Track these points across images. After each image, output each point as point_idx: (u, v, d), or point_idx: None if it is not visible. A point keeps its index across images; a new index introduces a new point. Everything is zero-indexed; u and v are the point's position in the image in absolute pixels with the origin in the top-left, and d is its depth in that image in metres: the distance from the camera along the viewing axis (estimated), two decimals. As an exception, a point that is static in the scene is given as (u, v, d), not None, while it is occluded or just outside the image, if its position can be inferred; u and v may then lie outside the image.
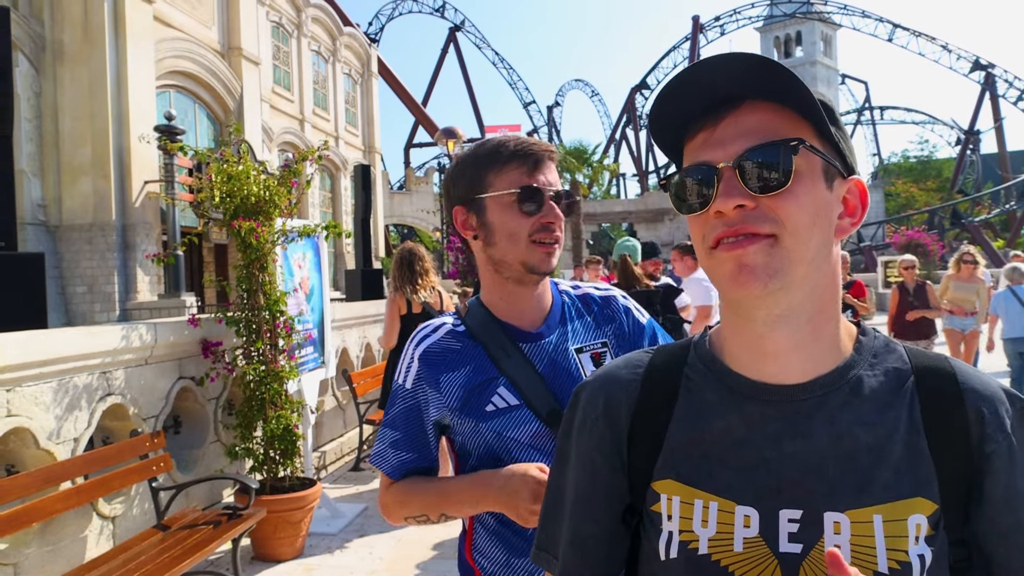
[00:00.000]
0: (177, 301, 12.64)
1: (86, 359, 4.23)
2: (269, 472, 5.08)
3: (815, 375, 0.87)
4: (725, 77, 0.83)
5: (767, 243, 0.82)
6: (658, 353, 1.01)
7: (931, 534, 0.82)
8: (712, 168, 0.84)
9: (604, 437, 0.96)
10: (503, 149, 1.52)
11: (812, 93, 0.82)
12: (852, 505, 0.82)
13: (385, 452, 1.56)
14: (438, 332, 1.57)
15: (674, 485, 0.90)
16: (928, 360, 0.90)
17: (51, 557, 3.96)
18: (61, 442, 4.04)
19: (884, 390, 0.87)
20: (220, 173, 4.97)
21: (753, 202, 0.82)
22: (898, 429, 0.85)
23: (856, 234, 41.17)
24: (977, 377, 0.88)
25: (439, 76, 56.87)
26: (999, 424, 0.84)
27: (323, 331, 6.15)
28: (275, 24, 22.23)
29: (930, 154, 61.02)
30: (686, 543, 0.88)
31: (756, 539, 0.85)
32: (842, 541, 0.82)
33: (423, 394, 1.53)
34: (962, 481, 0.83)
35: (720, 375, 0.92)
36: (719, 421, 0.90)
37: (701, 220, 0.86)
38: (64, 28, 14.07)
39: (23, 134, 13.47)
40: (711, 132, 0.86)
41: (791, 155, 0.82)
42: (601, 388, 1.00)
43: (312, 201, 23.46)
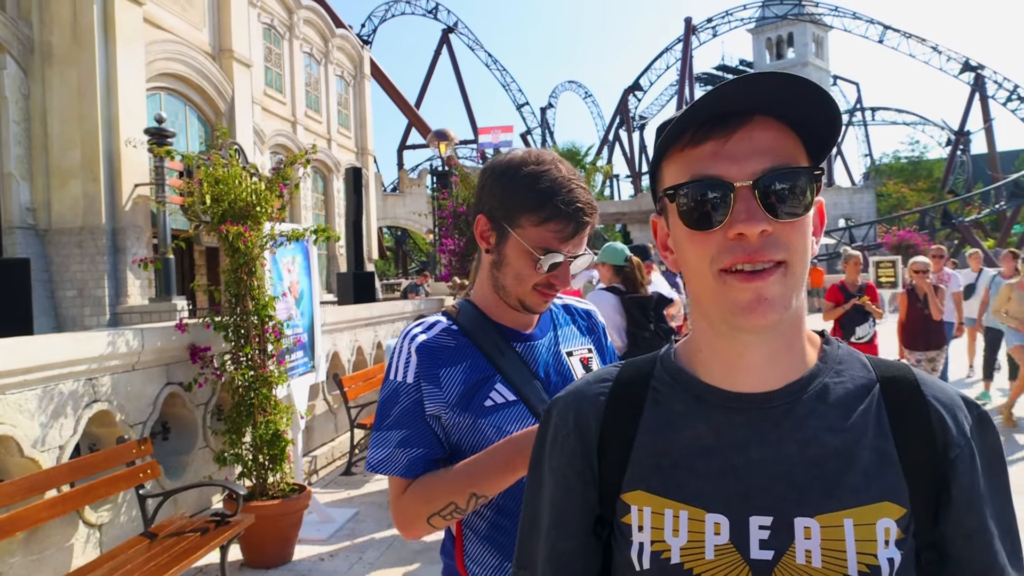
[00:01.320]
0: (168, 305, 12.57)
1: (72, 366, 4.19)
2: (258, 478, 5.04)
3: (783, 384, 0.89)
4: (747, 89, 0.82)
5: (780, 272, 0.83)
6: (626, 367, 1.01)
7: (901, 538, 0.83)
8: (728, 185, 0.83)
9: (575, 452, 0.97)
10: (552, 202, 1.47)
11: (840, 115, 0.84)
12: (822, 510, 0.83)
13: (393, 454, 1.48)
14: (433, 329, 1.56)
15: (644, 496, 0.91)
16: (892, 369, 0.92)
17: (36, 566, 3.91)
18: (46, 450, 4.00)
19: (850, 397, 0.89)
20: (208, 177, 4.93)
21: (771, 227, 0.82)
22: (866, 435, 0.86)
23: (848, 234, 41.35)
24: (938, 385, 0.91)
25: (432, 78, 56.77)
26: (960, 429, 0.87)
27: (313, 335, 6.11)
28: (267, 26, 22.16)
29: (921, 155, 61.25)
30: (658, 553, 0.88)
31: (727, 546, 0.85)
32: (812, 546, 0.83)
33: (423, 388, 1.50)
34: (930, 486, 0.85)
35: (687, 386, 0.93)
36: (687, 431, 0.90)
37: (710, 239, 0.85)
38: (53, 30, 13.98)
39: (11, 137, 13.39)
40: (721, 144, 0.84)
41: (814, 184, 0.84)
42: (571, 404, 1.00)
43: (305, 203, 23.40)
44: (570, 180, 1.51)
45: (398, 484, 1.50)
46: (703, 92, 0.82)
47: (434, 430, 1.50)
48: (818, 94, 0.81)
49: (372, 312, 9.32)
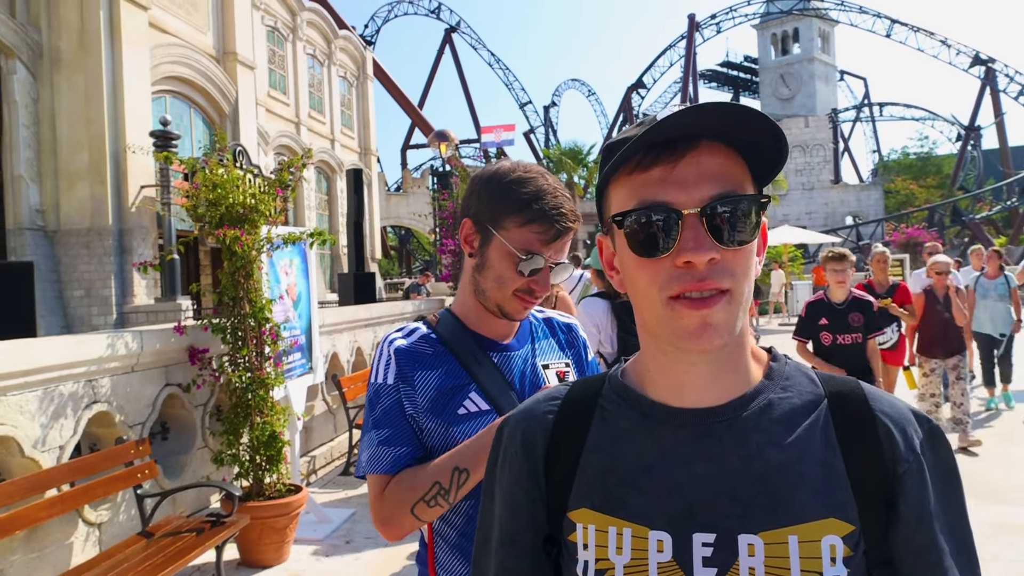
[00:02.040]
0: (173, 305, 12.68)
1: (72, 367, 4.29)
2: (255, 479, 5.14)
3: (727, 400, 0.90)
4: (695, 117, 0.82)
5: (726, 299, 0.84)
6: (575, 386, 1.03)
7: (848, 555, 0.83)
8: (676, 212, 0.83)
9: (523, 469, 0.98)
10: (536, 203, 1.53)
11: (786, 144, 0.85)
12: (766, 527, 0.83)
13: (377, 453, 1.52)
14: (412, 336, 1.61)
15: (589, 514, 0.91)
16: (839, 384, 0.93)
17: (37, 564, 4.02)
18: (46, 450, 4.10)
19: (796, 412, 0.89)
20: (206, 182, 5.03)
21: (719, 255, 0.83)
22: (811, 450, 0.86)
23: (855, 232, 41.19)
24: (887, 400, 0.91)
25: (435, 78, 56.90)
26: (909, 444, 0.87)
27: (311, 337, 6.21)
28: (270, 28, 22.27)
29: (930, 151, 60.84)
30: (602, 571, 0.88)
31: (670, 563, 0.85)
32: (756, 563, 0.83)
33: (401, 389, 1.55)
34: (878, 502, 0.85)
35: (633, 403, 0.94)
36: (632, 447, 0.91)
37: (659, 265, 0.85)
38: (61, 35, 14.11)
39: (21, 140, 13.52)
40: (669, 169, 0.85)
41: (760, 211, 0.85)
42: (520, 422, 1.01)
43: (309, 204, 23.50)
44: (556, 188, 1.57)
45: (379, 481, 1.52)
46: (707, 90, 0.85)
47: (413, 429, 1.55)
48: (762, 120, 0.82)
49: (372, 313, 9.41)
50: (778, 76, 65.46)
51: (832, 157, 50.33)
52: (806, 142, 48.79)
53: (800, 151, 48.73)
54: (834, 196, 48.95)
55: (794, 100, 64.18)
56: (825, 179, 49.02)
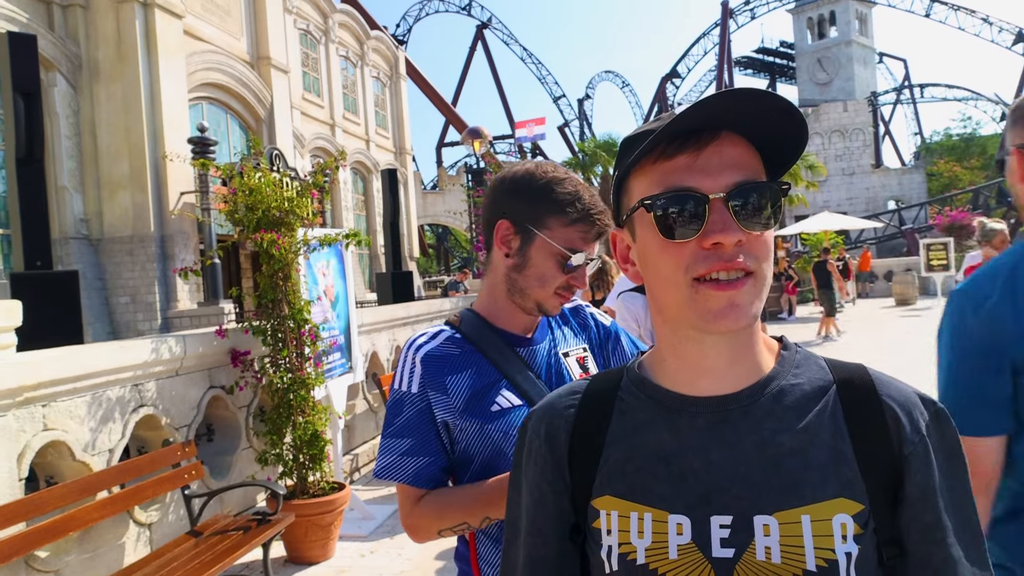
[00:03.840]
0: (216, 309, 12.92)
1: (118, 372, 4.39)
2: (299, 477, 5.21)
3: (741, 387, 0.93)
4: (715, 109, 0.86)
5: (751, 281, 0.87)
6: (595, 380, 1.06)
7: (859, 533, 0.86)
8: (702, 197, 0.87)
9: (547, 463, 1.02)
10: (579, 203, 1.58)
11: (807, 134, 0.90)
12: (780, 507, 0.87)
13: (398, 462, 1.56)
14: (437, 339, 1.62)
15: (611, 501, 0.95)
16: (847, 370, 0.95)
17: (90, 564, 4.12)
18: (96, 453, 4.21)
19: (806, 398, 0.92)
20: (242, 187, 5.12)
21: (745, 237, 0.87)
22: (820, 434, 0.90)
23: (898, 216, 40.43)
24: (894, 384, 0.94)
25: (468, 74, 57.02)
26: (915, 427, 0.90)
27: (349, 336, 6.28)
28: (303, 31, 22.51)
29: (973, 131, 59.39)
30: (625, 555, 0.92)
31: (689, 546, 0.89)
32: (772, 543, 0.86)
33: (430, 396, 1.56)
34: (887, 482, 0.88)
35: (651, 393, 0.97)
36: (650, 436, 0.95)
37: (685, 248, 0.88)
38: (99, 47, 14.43)
39: (63, 151, 13.87)
40: (694, 158, 0.88)
41: (782, 198, 0.90)
42: (543, 417, 1.05)
43: (346, 204, 23.74)
44: (588, 188, 1.63)
45: (407, 492, 1.57)
46: (743, 77, 0.87)
47: (440, 438, 1.57)
48: (783, 104, 0.86)
49: (409, 311, 9.48)
50: (815, 60, 64.40)
51: (872, 141, 49.45)
52: (845, 127, 47.98)
53: (839, 136, 47.96)
54: (875, 181, 48.10)
55: (832, 84, 63.09)
56: (865, 164, 48.18)
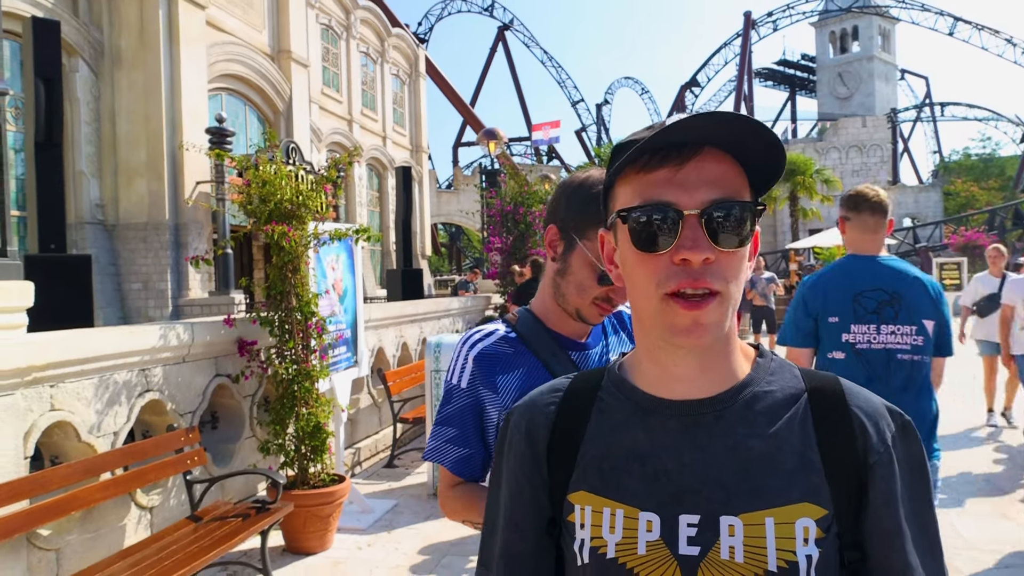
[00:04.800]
0: (227, 299, 13.01)
1: (126, 357, 4.45)
2: (300, 468, 5.26)
3: (715, 392, 0.96)
4: (701, 123, 0.88)
5: (717, 300, 0.90)
6: (577, 379, 1.10)
7: (821, 536, 0.89)
8: (678, 212, 0.89)
9: (526, 457, 1.05)
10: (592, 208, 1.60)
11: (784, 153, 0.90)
12: (745, 509, 0.90)
13: (443, 448, 1.65)
14: (491, 337, 1.67)
15: (586, 496, 0.98)
16: (819, 380, 0.99)
17: (91, 544, 4.18)
18: (102, 435, 4.26)
19: (778, 405, 0.95)
20: (255, 178, 5.17)
21: (714, 256, 0.89)
22: (790, 441, 0.93)
23: (912, 234, 40.17)
24: (863, 395, 0.98)
25: (488, 75, 57.12)
26: (881, 437, 0.93)
27: (356, 331, 6.33)
28: (324, 26, 22.63)
29: (993, 152, 59.21)
30: (596, 548, 0.96)
31: (658, 542, 0.92)
32: (736, 543, 0.90)
33: (479, 394, 1.63)
34: (851, 489, 0.92)
35: (628, 394, 1.01)
36: (626, 436, 0.98)
37: (657, 262, 0.91)
38: (121, 34, 14.56)
39: (83, 137, 14.00)
40: (675, 171, 0.90)
41: (756, 218, 0.91)
42: (524, 413, 1.09)
43: (360, 201, 23.83)
44: None
45: (447, 476, 1.66)
46: (762, 88, 0.90)
47: (482, 433, 1.64)
48: (762, 131, 0.88)
49: (418, 309, 9.52)
50: (836, 75, 64.18)
51: (890, 158, 49.18)
52: (863, 142, 47.76)
53: (857, 151, 47.74)
54: (891, 197, 46.85)
55: (852, 99, 62.86)
56: (882, 180, 47.88)
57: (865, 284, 3.10)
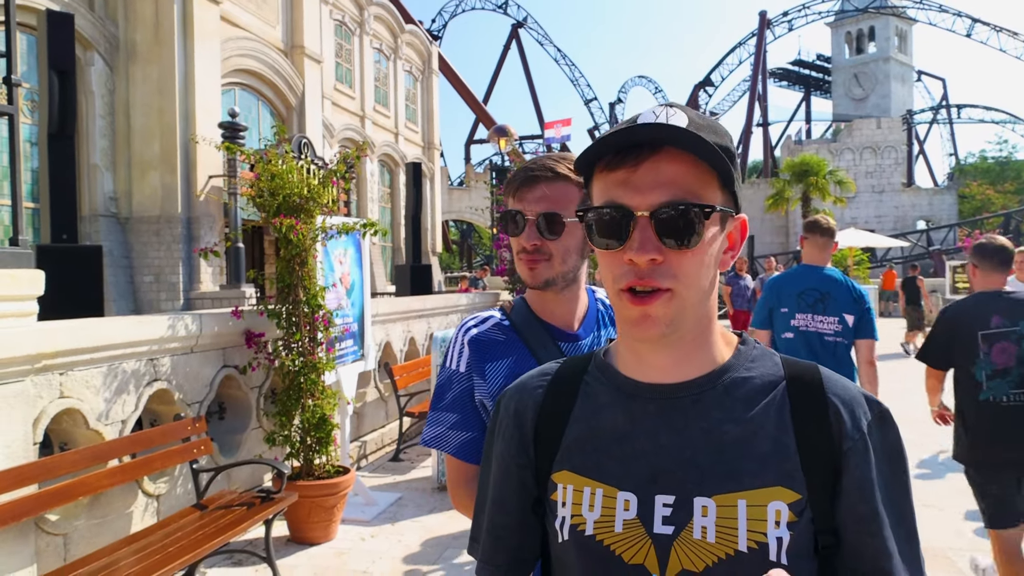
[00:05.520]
0: (237, 292, 13.10)
1: (135, 346, 4.51)
2: (305, 459, 5.31)
3: (692, 377, 1.00)
4: (660, 132, 0.91)
5: (666, 297, 0.93)
6: (565, 363, 1.15)
7: (794, 520, 0.92)
8: (630, 213, 0.92)
9: (513, 438, 1.10)
10: (513, 174, 1.68)
11: (721, 154, 0.91)
12: (719, 491, 0.93)
13: (445, 434, 1.65)
14: (486, 323, 1.71)
15: (568, 475, 1.03)
16: (799, 368, 1.02)
17: (98, 529, 4.24)
18: (110, 423, 4.32)
19: (756, 391, 0.98)
20: (264, 172, 5.22)
21: (662, 256, 0.92)
22: (765, 426, 0.96)
23: (926, 237, 39.91)
24: (841, 383, 1.00)
25: (501, 73, 57.11)
26: (856, 424, 0.95)
27: (363, 325, 6.37)
28: (338, 22, 22.71)
29: (1009, 155, 58.61)
30: (576, 526, 1.00)
31: (634, 521, 0.96)
32: (708, 523, 0.93)
33: (474, 378, 1.66)
34: (825, 474, 0.94)
35: (611, 378, 1.05)
36: (608, 418, 1.02)
37: (613, 259, 0.95)
38: (136, 28, 14.69)
39: (97, 130, 14.13)
40: (631, 172, 0.93)
41: (704, 220, 0.92)
42: (514, 396, 1.14)
43: (371, 196, 23.91)
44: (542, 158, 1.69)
45: (455, 466, 1.66)
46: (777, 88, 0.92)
47: (482, 416, 1.67)
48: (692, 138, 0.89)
49: (425, 304, 9.56)
50: (852, 76, 63.76)
51: (905, 160, 48.87)
52: (877, 143, 47.44)
53: (871, 153, 47.44)
54: (905, 200, 47.52)
55: (867, 101, 62.45)
56: (896, 182, 47.62)
57: (807, 286, 4.24)
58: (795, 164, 33.86)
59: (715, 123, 0.98)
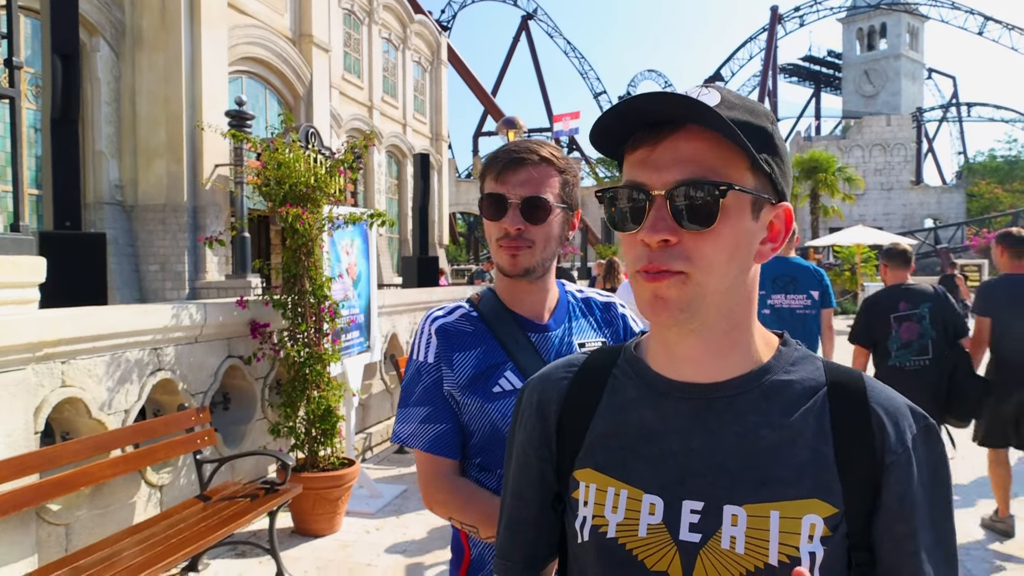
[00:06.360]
0: (243, 282, 13.04)
1: (138, 335, 4.45)
2: (310, 451, 5.26)
3: (728, 377, 0.93)
4: (670, 103, 0.85)
5: (679, 279, 0.87)
6: (593, 355, 1.08)
7: (828, 535, 0.86)
8: (647, 192, 0.87)
9: (535, 430, 1.05)
10: (496, 156, 1.59)
11: (735, 129, 0.83)
12: (750, 500, 0.88)
13: (418, 429, 1.59)
14: (453, 314, 1.65)
15: (592, 473, 0.97)
16: (842, 374, 0.95)
17: (100, 520, 4.19)
18: (112, 413, 4.27)
19: (795, 396, 0.92)
20: (271, 160, 5.15)
21: (676, 237, 0.86)
22: (804, 433, 0.89)
23: (933, 235, 39.77)
24: (885, 393, 0.93)
25: (510, 65, 56.93)
26: (900, 437, 0.89)
27: (369, 316, 6.31)
28: (347, 11, 22.61)
29: (1019, 154, 58.44)
30: (597, 527, 0.95)
31: (659, 526, 0.91)
32: (738, 533, 0.87)
33: (442, 368, 1.60)
34: (865, 488, 0.88)
35: (641, 373, 0.99)
36: (636, 416, 0.96)
37: (630, 241, 0.91)
38: (143, 15, 14.61)
39: (102, 116, 14.07)
40: (650, 151, 0.88)
41: (720, 198, 0.86)
42: (537, 386, 1.08)
43: (378, 187, 23.86)
44: (521, 141, 1.64)
45: (425, 460, 1.60)
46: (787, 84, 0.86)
47: (452, 407, 1.60)
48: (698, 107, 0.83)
49: (432, 296, 9.50)
50: (862, 72, 63.52)
51: (914, 157, 48.70)
52: (887, 141, 47.30)
53: (880, 150, 47.29)
54: (913, 197, 47.39)
55: (878, 98, 62.22)
56: (905, 180, 47.46)
57: (779, 272, 5.03)
58: (804, 160, 33.70)
59: (754, 104, 0.92)
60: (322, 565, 4.70)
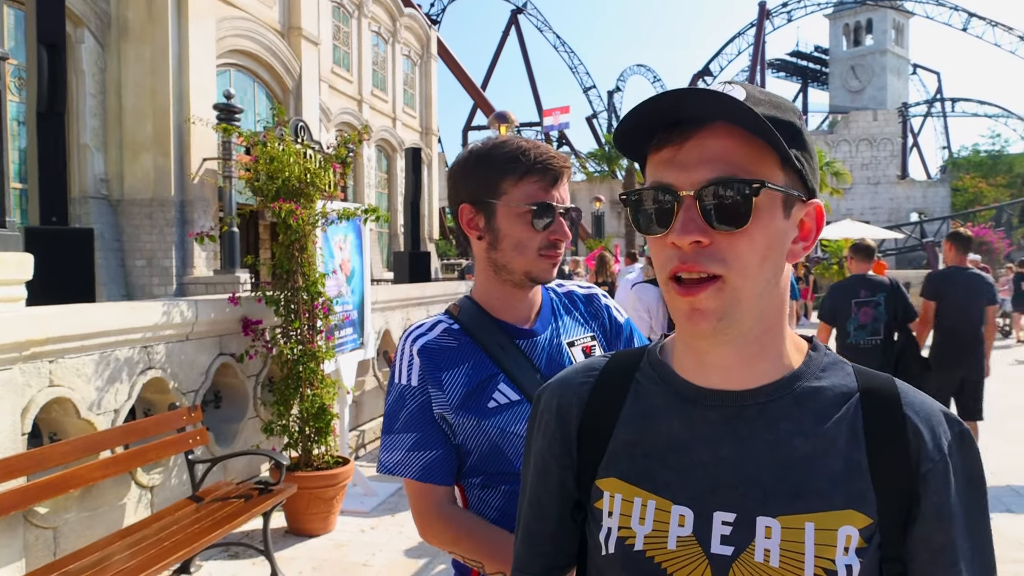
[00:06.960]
0: (232, 277, 12.90)
1: (128, 333, 4.35)
2: (303, 449, 5.18)
3: (758, 384, 0.90)
4: (699, 100, 0.82)
5: (716, 286, 0.83)
6: (614, 358, 1.04)
7: (863, 546, 0.83)
8: (674, 193, 0.84)
9: (555, 437, 1.01)
10: (524, 158, 1.50)
11: (769, 125, 0.80)
12: (785, 511, 0.85)
13: (406, 458, 1.50)
14: (434, 330, 1.56)
15: (617, 483, 0.93)
16: (874, 380, 0.92)
17: (90, 522, 4.10)
18: (102, 413, 4.17)
19: (827, 403, 0.89)
20: (263, 155, 5.06)
21: (708, 238, 0.83)
22: (837, 442, 0.86)
23: (919, 229, 40.01)
24: (919, 398, 0.90)
25: (499, 59, 56.72)
26: (937, 444, 0.86)
27: (363, 313, 6.23)
28: (336, 4, 22.44)
29: (1002, 149, 58.87)
30: (623, 539, 0.91)
31: (689, 538, 0.87)
32: (772, 545, 0.84)
33: (429, 390, 1.50)
34: (900, 498, 0.85)
35: (667, 379, 0.95)
36: (662, 423, 0.93)
37: (659, 244, 0.87)
38: (129, 6, 14.41)
39: (87, 109, 13.87)
40: (676, 151, 0.85)
41: (752, 197, 0.82)
42: (556, 391, 1.04)
43: (368, 182, 23.72)
44: (531, 141, 1.55)
45: (418, 490, 1.51)
46: (775, 79, 0.80)
47: (443, 430, 1.51)
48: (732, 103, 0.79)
49: (424, 292, 9.43)
50: (849, 68, 63.87)
51: (900, 152, 49.03)
52: (873, 136, 47.61)
53: (867, 145, 47.59)
54: (900, 192, 47.73)
55: (864, 93, 62.57)
56: (891, 174, 47.77)
57: None
58: (792, 155, 33.76)
59: (780, 99, 0.89)
60: (317, 565, 4.63)
